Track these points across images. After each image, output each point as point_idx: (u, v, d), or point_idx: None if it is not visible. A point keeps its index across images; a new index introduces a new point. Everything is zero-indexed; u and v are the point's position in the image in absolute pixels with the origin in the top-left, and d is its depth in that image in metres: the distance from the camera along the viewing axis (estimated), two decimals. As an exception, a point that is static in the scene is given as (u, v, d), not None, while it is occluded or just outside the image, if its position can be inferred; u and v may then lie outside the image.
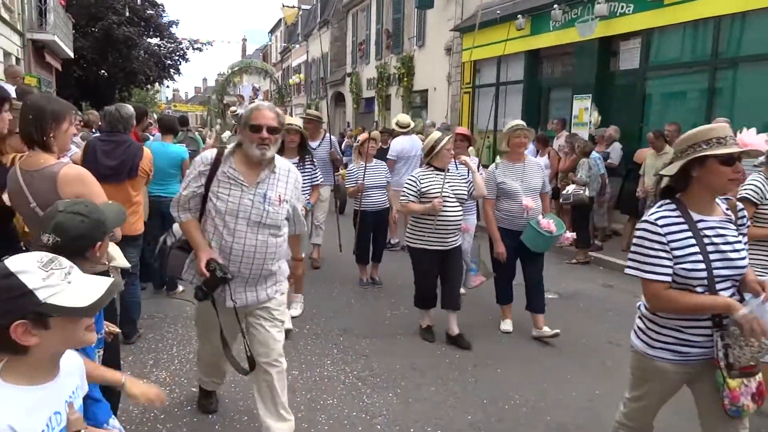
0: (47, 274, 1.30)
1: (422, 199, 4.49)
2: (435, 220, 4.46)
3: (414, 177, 4.61)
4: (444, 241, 4.58)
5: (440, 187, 4.45)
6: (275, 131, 2.84)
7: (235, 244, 2.84)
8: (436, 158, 4.54)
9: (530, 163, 4.97)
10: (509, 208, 4.81)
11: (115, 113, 4.36)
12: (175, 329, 4.96)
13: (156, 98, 56.26)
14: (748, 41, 7.93)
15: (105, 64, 24.82)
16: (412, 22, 18.24)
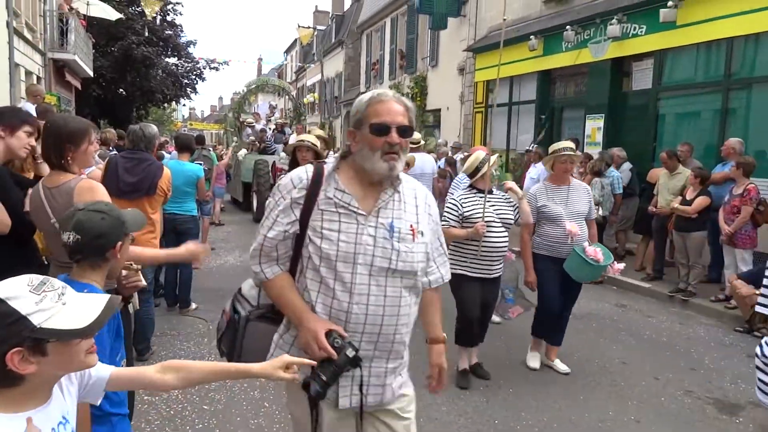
0: (39, 298, 1.22)
1: (464, 224, 4.18)
2: (479, 246, 4.11)
3: (455, 200, 4.27)
4: (488, 268, 4.22)
5: (488, 212, 4.12)
6: (406, 133, 1.96)
7: (355, 305, 1.88)
8: (481, 180, 4.22)
9: (576, 187, 4.60)
10: (551, 233, 4.45)
11: (139, 132, 4.52)
12: (187, 346, 5.00)
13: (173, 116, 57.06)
14: (761, 62, 7.92)
15: (123, 83, 25.27)
16: (426, 42, 18.42)
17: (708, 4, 8.22)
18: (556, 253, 4.45)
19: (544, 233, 4.50)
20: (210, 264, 8.25)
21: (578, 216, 4.49)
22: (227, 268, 8.20)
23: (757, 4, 7.51)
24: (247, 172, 13.16)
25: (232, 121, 16.63)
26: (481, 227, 4.03)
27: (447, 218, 4.19)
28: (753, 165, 6.53)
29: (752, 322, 5.88)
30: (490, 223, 4.10)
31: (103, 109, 25.87)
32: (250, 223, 12.30)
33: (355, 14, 28.18)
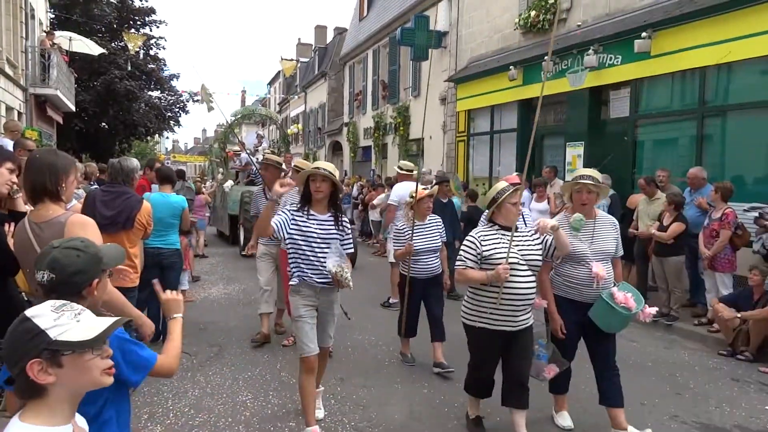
0: (58, 315, 1.41)
1: (483, 265, 3.61)
2: (500, 292, 3.52)
3: (473, 237, 3.70)
4: (512, 319, 3.61)
5: (506, 250, 3.56)
6: None
7: None
8: (499, 214, 3.69)
9: (602, 220, 4.01)
10: (574, 274, 3.89)
11: (117, 165, 4.50)
12: (170, 382, 4.90)
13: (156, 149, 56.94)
14: (734, 90, 8.14)
15: (106, 117, 25.24)
16: (408, 73, 18.70)
17: (680, 35, 8.47)
18: (578, 296, 3.89)
19: (564, 273, 3.94)
20: (193, 296, 8.17)
21: (605, 255, 3.93)
22: (211, 300, 8.11)
23: (727, 35, 7.75)
24: (233, 204, 12.82)
25: (217, 151, 16.36)
26: (504, 270, 3.44)
27: (464, 258, 3.65)
28: (730, 190, 6.67)
29: (735, 345, 5.93)
30: (513, 265, 3.51)
31: (85, 143, 25.76)
32: (234, 255, 12.18)
33: (337, 46, 28.58)
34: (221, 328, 6.64)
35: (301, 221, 3.76)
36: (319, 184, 3.77)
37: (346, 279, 3.66)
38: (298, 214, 3.79)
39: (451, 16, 15.48)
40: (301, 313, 3.78)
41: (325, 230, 3.78)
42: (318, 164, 3.84)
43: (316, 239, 3.74)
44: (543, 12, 11.53)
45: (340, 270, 3.64)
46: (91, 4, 23.76)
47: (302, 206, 3.81)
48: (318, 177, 3.77)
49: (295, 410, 4.36)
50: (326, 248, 3.71)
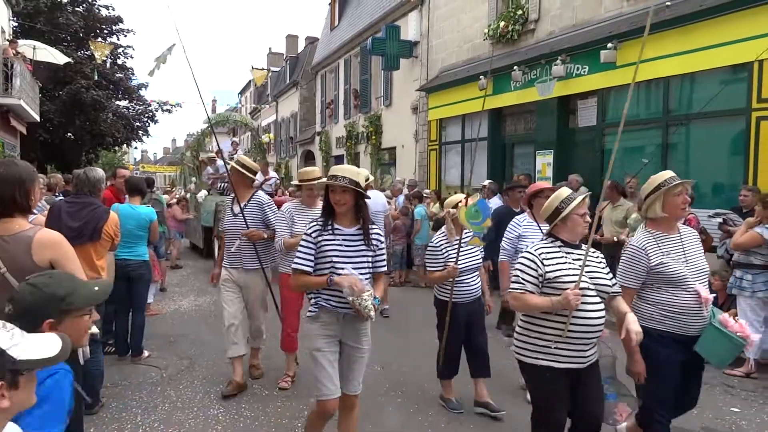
0: (10, 334, 1.30)
1: (545, 289, 2.96)
2: (567, 323, 2.90)
3: (533, 255, 3.01)
4: (581, 355, 2.96)
5: (578, 272, 2.92)
6: None
7: None
8: (564, 227, 3.05)
9: (687, 234, 3.40)
10: (675, 302, 3.23)
11: (83, 176, 4.40)
12: (139, 396, 4.80)
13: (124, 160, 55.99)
14: (697, 100, 8.37)
15: (72, 127, 24.72)
16: (379, 82, 18.78)
17: (645, 45, 8.67)
18: (679, 328, 3.24)
19: (659, 301, 3.27)
20: (162, 309, 8.02)
21: (704, 275, 3.33)
22: (181, 313, 7.98)
23: (691, 45, 7.99)
24: (207, 216, 12.17)
25: (190, 159, 15.46)
26: (575, 296, 2.81)
27: (521, 280, 2.99)
28: (692, 197, 6.83)
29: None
30: (584, 291, 2.89)
31: (50, 153, 25.18)
32: (206, 267, 11.97)
33: (309, 56, 28.58)
34: (192, 341, 6.53)
35: (327, 240, 3.18)
36: (339, 196, 3.14)
37: (367, 309, 3.02)
38: (322, 235, 3.18)
39: (421, 26, 15.62)
40: (318, 344, 3.19)
41: (351, 247, 3.19)
42: (335, 171, 3.17)
43: (341, 257, 3.15)
44: (512, 22, 11.72)
45: (358, 298, 3.00)
46: (56, 13, 23.32)
47: (325, 221, 3.21)
48: (336, 188, 3.14)
49: (268, 423, 4.30)
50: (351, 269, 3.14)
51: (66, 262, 2.53)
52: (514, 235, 4.76)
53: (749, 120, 7.35)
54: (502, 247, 4.81)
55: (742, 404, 4.89)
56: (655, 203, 3.35)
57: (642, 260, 3.27)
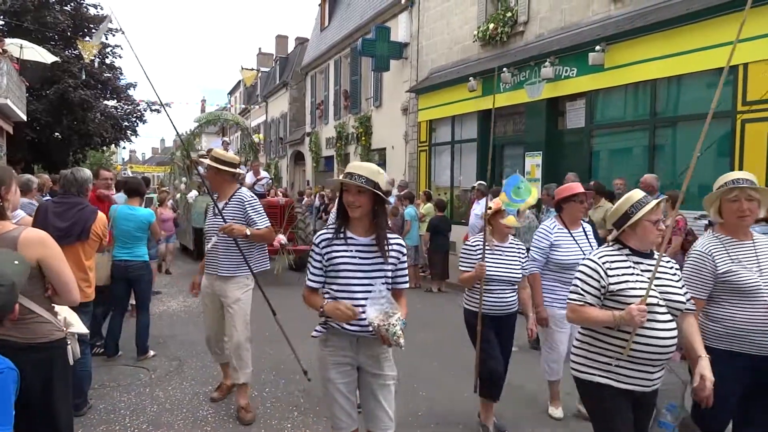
0: None
1: (608, 302, 2.66)
2: (630, 339, 2.57)
3: (596, 263, 2.70)
4: (647, 377, 2.63)
5: (646, 285, 2.58)
6: None
7: None
8: (632, 234, 2.71)
9: (762, 242, 3.07)
10: (743, 316, 2.90)
11: (70, 176, 4.39)
12: (128, 398, 4.78)
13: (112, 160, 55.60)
14: (684, 102, 8.47)
15: (59, 127, 24.50)
16: (369, 83, 18.80)
17: (632, 48, 8.78)
18: (749, 347, 2.88)
19: (725, 316, 2.94)
20: (152, 310, 7.97)
21: None
22: (170, 314, 7.95)
23: (677, 48, 8.08)
24: (198, 217, 11.72)
25: (180, 158, 15.06)
26: (640, 312, 2.48)
27: (581, 291, 2.70)
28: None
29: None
30: (652, 307, 2.55)
31: (37, 153, 24.95)
32: (194, 265, 11.92)
33: (299, 56, 28.53)
34: (181, 342, 6.51)
35: (338, 250, 2.70)
36: (353, 198, 2.64)
37: (396, 336, 2.52)
38: (332, 244, 2.71)
39: (411, 28, 15.65)
40: (329, 374, 2.72)
41: (366, 259, 2.68)
42: (352, 168, 2.69)
43: (356, 272, 2.67)
44: (501, 25, 11.78)
45: (385, 323, 2.51)
46: (44, 11, 23.11)
47: (337, 228, 2.74)
48: (351, 188, 2.65)
49: (257, 424, 4.30)
50: (367, 285, 2.63)
51: (52, 261, 2.53)
52: (545, 244, 4.29)
53: (734, 122, 7.45)
54: (532, 257, 4.30)
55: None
56: (710, 206, 3.13)
57: (708, 266, 2.98)
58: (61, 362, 2.62)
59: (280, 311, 4.62)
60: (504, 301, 4.03)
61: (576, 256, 4.12)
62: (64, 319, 2.69)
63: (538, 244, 4.33)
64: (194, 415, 4.44)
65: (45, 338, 2.55)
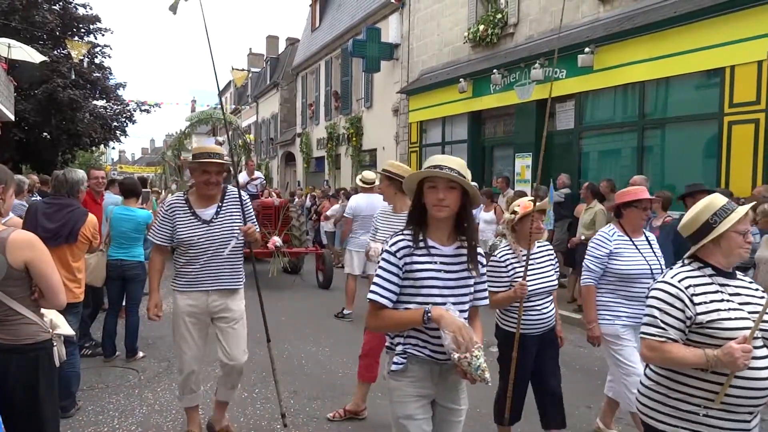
0: None
1: (693, 336, 2.18)
2: (725, 385, 2.10)
3: (676, 287, 2.19)
4: (741, 426, 2.17)
5: (739, 313, 2.15)
6: None
7: None
8: (717, 250, 2.24)
9: None
10: None
11: (61, 177, 4.40)
12: (117, 400, 4.76)
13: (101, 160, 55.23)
14: (672, 104, 8.55)
15: (48, 127, 24.30)
16: (360, 84, 18.81)
17: (621, 50, 8.85)
18: None
19: None
20: (141, 311, 7.94)
21: None
22: (160, 315, 7.90)
23: (665, 50, 8.15)
24: None
25: (171, 158, 14.85)
26: (744, 354, 2.02)
27: (662, 324, 2.18)
28: (670, 199, 6.97)
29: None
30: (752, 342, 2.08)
31: (25, 153, 24.74)
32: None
33: (289, 57, 28.49)
34: (170, 343, 6.44)
35: (420, 261, 2.25)
36: (444, 194, 2.20)
37: (480, 370, 2.09)
38: (413, 254, 2.25)
39: (402, 29, 15.68)
40: (410, 410, 2.28)
41: (452, 272, 2.27)
42: (437, 160, 2.27)
43: (442, 288, 2.25)
44: (491, 26, 11.83)
45: (466, 355, 2.07)
46: (32, 11, 22.92)
47: (415, 235, 2.28)
48: (440, 183, 2.21)
49: (247, 425, 4.30)
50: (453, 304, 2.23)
51: (40, 263, 2.52)
52: (602, 252, 3.77)
53: (722, 124, 7.52)
54: (587, 267, 3.81)
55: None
56: None
57: None
58: (47, 364, 2.61)
59: (275, 314, 4.62)
60: (545, 315, 3.53)
61: (639, 267, 3.71)
62: (50, 321, 2.68)
63: (595, 253, 3.81)
64: (183, 417, 4.42)
65: (31, 339, 2.54)
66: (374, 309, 2.27)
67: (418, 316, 2.17)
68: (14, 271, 2.44)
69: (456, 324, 2.10)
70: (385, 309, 2.25)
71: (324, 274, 9.99)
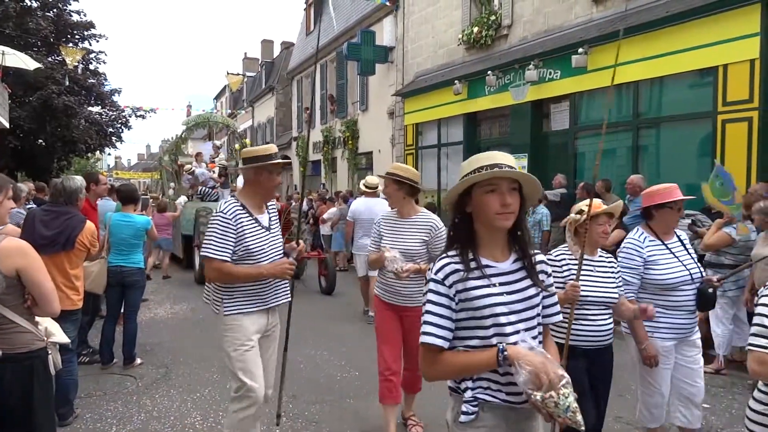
0: None
1: None
2: None
3: None
4: None
5: None
6: None
7: None
8: None
9: None
10: None
11: (59, 185, 4.40)
12: (115, 407, 4.75)
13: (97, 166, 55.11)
14: (666, 103, 8.58)
15: (43, 134, 24.25)
16: (356, 87, 18.82)
17: (614, 50, 8.85)
18: None
19: None
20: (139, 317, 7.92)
21: None
22: (157, 321, 7.90)
23: (658, 50, 8.18)
24: (187, 224, 11.50)
25: (168, 163, 14.66)
26: None
27: None
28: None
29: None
30: None
31: (20, 160, 24.68)
32: (183, 275, 11.86)
33: (284, 61, 28.50)
34: (168, 349, 6.48)
35: (477, 286, 1.85)
36: (511, 198, 1.83)
37: (571, 411, 1.72)
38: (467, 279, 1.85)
39: (396, 32, 15.71)
40: None
41: (513, 293, 1.87)
42: (494, 158, 1.91)
43: (508, 314, 1.84)
44: (485, 28, 11.86)
45: (551, 394, 1.71)
46: (26, 17, 22.89)
47: (464, 254, 1.88)
48: (503, 185, 1.84)
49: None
50: (519, 331, 1.85)
51: (32, 271, 2.51)
52: (637, 262, 3.39)
53: (715, 123, 7.55)
54: (625, 281, 3.39)
55: (711, 400, 5.01)
56: None
57: None
58: (42, 372, 2.60)
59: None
60: (601, 329, 3.18)
61: (679, 274, 3.34)
62: (45, 329, 2.67)
63: (629, 263, 3.42)
64: (182, 423, 4.43)
65: (25, 348, 2.53)
66: (430, 354, 1.85)
67: (491, 358, 1.77)
68: (6, 279, 2.44)
69: (537, 360, 1.72)
70: (445, 353, 1.85)
71: (327, 280, 9.87)
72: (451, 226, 1.95)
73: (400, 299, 3.92)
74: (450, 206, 1.96)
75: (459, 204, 1.91)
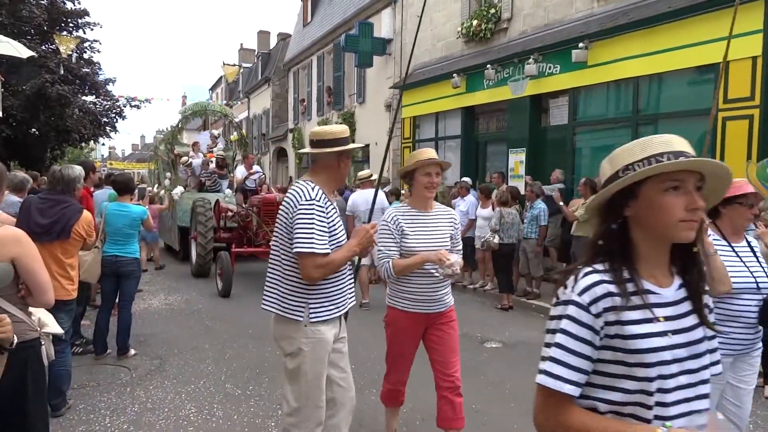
0: None
1: None
2: None
3: None
4: None
5: None
6: None
7: None
8: None
9: None
10: None
11: (57, 174, 4.36)
12: (108, 398, 4.69)
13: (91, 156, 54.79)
14: (665, 99, 8.55)
15: (36, 123, 24.04)
16: (353, 79, 18.73)
17: (615, 46, 8.83)
18: None
19: None
20: (133, 308, 7.86)
21: None
22: (151, 312, 7.83)
23: (659, 46, 8.14)
24: (183, 215, 11.18)
25: (164, 152, 14.19)
26: None
27: None
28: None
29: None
30: None
31: (13, 150, 24.48)
32: (178, 266, 11.77)
33: (281, 52, 28.34)
34: (162, 340, 6.42)
35: (636, 320, 1.35)
36: (702, 203, 1.38)
37: None
38: (622, 313, 1.35)
39: (395, 24, 15.61)
40: None
41: (681, 332, 1.38)
42: (671, 143, 1.46)
43: (670, 364, 1.34)
44: (484, 21, 11.79)
45: None
46: (19, 5, 22.64)
47: (618, 276, 1.38)
48: (689, 181, 1.37)
49: (241, 423, 4.25)
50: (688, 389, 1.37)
51: (27, 259, 2.46)
52: None
53: (716, 119, 7.52)
54: None
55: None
56: None
57: None
58: (35, 363, 2.55)
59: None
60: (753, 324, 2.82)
61: (744, 280, 2.88)
62: (39, 319, 2.61)
63: None
64: (176, 415, 4.38)
65: (18, 338, 2.47)
66: (554, 401, 1.39)
67: None
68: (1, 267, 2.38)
69: None
70: (577, 408, 1.38)
71: None
72: (603, 236, 1.43)
73: (433, 306, 3.32)
74: (593, 215, 1.49)
75: (613, 205, 1.41)
